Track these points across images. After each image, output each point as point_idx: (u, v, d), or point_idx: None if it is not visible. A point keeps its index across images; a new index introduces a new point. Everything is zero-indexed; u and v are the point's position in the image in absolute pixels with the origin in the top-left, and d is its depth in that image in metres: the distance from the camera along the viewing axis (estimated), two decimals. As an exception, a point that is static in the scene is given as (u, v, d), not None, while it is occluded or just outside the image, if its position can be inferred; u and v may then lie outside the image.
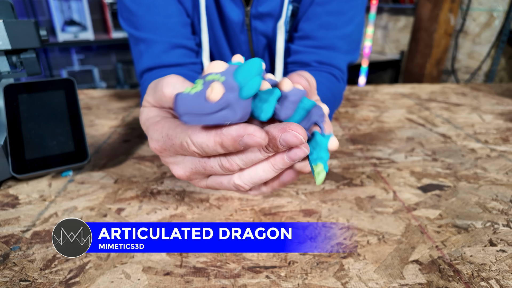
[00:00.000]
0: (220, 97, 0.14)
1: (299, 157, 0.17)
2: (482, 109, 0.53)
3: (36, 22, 0.29)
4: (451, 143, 0.40)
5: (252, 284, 0.20)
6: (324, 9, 0.40)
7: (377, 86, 0.68)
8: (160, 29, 0.39)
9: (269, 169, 0.19)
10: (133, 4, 0.38)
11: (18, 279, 0.20)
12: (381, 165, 0.34)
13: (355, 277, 0.20)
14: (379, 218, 0.26)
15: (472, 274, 0.20)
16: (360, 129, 0.45)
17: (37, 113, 0.29)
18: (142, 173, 0.32)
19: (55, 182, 0.30)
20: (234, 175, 0.20)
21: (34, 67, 0.30)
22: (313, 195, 0.29)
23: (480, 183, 0.31)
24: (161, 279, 0.20)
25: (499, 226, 0.25)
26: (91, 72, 1.97)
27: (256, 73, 0.15)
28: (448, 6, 1.67)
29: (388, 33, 2.10)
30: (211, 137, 0.16)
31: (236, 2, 0.40)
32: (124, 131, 0.43)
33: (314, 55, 0.40)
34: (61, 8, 1.72)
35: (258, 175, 0.19)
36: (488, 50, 1.65)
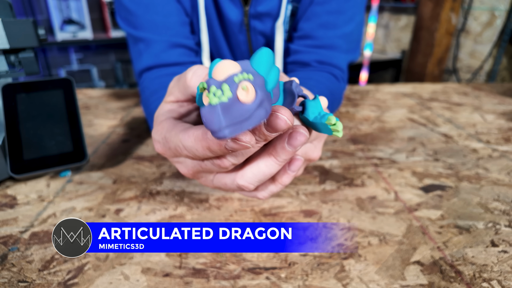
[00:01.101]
0: (255, 96, 0.14)
1: (300, 142, 0.16)
2: (483, 109, 0.53)
3: (34, 21, 0.28)
4: (452, 143, 0.40)
5: (252, 285, 0.19)
6: (324, 9, 0.40)
7: (378, 85, 0.67)
8: (159, 28, 0.39)
9: (272, 163, 0.18)
10: (132, 3, 0.38)
11: (16, 280, 0.19)
12: (382, 165, 0.34)
13: (356, 278, 0.20)
14: (380, 218, 0.25)
15: (473, 275, 0.20)
16: (361, 129, 0.44)
17: (35, 113, 0.29)
18: (141, 173, 0.32)
19: (53, 183, 0.30)
20: (236, 175, 0.19)
21: (32, 66, 0.30)
22: (314, 195, 0.28)
23: (482, 183, 0.31)
24: (160, 280, 0.20)
25: (501, 226, 0.25)
26: (90, 71, 1.97)
27: (273, 62, 0.15)
28: (449, 5, 1.67)
29: (389, 32, 2.10)
30: (199, 143, 0.16)
31: (234, 1, 0.40)
32: (123, 131, 0.43)
33: (314, 55, 0.40)
34: (59, 7, 1.72)
35: (261, 171, 0.18)
36: (489, 49, 1.65)
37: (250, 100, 0.13)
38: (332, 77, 0.39)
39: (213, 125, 0.13)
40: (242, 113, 0.13)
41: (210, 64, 0.15)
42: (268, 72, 0.15)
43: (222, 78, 0.13)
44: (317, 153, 0.22)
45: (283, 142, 0.17)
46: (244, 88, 0.13)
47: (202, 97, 0.14)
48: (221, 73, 0.14)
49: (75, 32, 1.75)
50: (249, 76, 0.14)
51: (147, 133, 0.42)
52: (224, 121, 0.13)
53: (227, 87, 0.13)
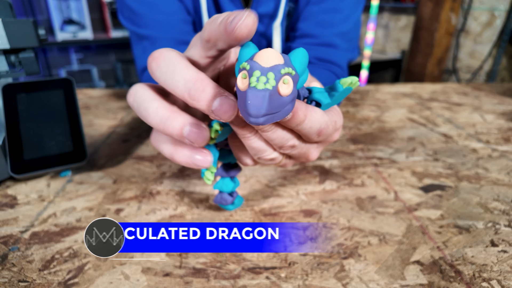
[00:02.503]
0: (291, 92, 0.14)
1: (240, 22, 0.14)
2: (483, 109, 0.53)
3: (34, 21, 0.29)
4: (452, 143, 0.40)
5: (252, 285, 0.19)
6: (320, 8, 0.40)
7: (378, 85, 0.67)
8: (163, 26, 0.39)
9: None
10: (135, 3, 0.38)
11: (16, 280, 0.19)
12: (382, 165, 0.34)
13: (356, 278, 0.20)
14: (380, 218, 0.25)
15: (473, 274, 0.20)
16: (361, 128, 0.44)
17: (36, 113, 0.29)
18: (141, 173, 0.32)
19: (53, 182, 0.30)
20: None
21: (32, 66, 0.30)
22: (314, 195, 0.29)
23: (482, 183, 0.31)
24: (160, 280, 0.20)
25: (501, 226, 0.25)
26: (90, 71, 1.97)
27: (307, 63, 0.15)
28: (449, 5, 1.67)
29: (389, 32, 2.10)
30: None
31: (235, 3, 0.40)
32: (123, 131, 0.43)
33: (314, 52, 0.41)
34: (60, 7, 1.72)
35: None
36: (489, 49, 1.65)
37: (287, 94, 0.13)
38: (332, 75, 0.40)
39: (254, 109, 0.13)
40: (278, 104, 0.13)
41: (243, 46, 0.15)
42: (302, 72, 0.15)
43: (267, 65, 0.13)
44: (316, 154, 0.22)
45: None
46: (286, 82, 0.13)
47: (239, 78, 0.14)
48: (267, 60, 0.13)
49: (75, 32, 1.75)
50: (292, 72, 0.14)
51: (147, 133, 0.42)
52: (265, 109, 0.13)
53: (272, 76, 0.13)
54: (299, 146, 0.20)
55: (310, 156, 0.22)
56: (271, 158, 0.20)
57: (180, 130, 0.16)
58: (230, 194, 0.24)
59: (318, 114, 0.18)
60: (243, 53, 0.15)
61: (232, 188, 0.23)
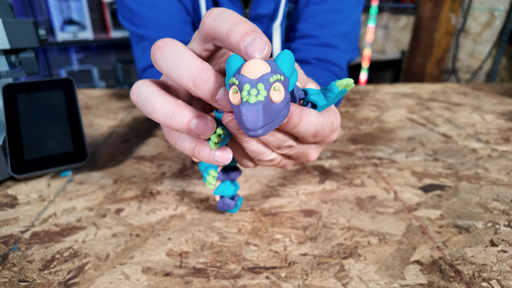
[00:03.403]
0: (284, 97, 0.14)
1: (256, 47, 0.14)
2: (483, 109, 0.53)
3: (35, 21, 0.29)
4: (452, 143, 0.40)
5: (252, 285, 0.19)
6: (320, 8, 0.40)
7: (377, 85, 0.67)
8: (163, 27, 0.39)
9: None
10: (134, 3, 0.38)
11: (17, 280, 0.20)
12: (381, 165, 0.34)
13: (355, 278, 0.20)
14: (380, 218, 0.26)
15: (473, 274, 0.20)
16: (360, 129, 0.44)
17: (36, 113, 0.29)
18: (142, 173, 0.32)
19: (54, 182, 0.30)
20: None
21: (33, 66, 0.30)
22: (314, 195, 0.29)
23: (481, 183, 0.31)
24: (160, 280, 0.20)
25: (500, 226, 0.25)
26: (90, 71, 1.97)
27: (293, 63, 0.15)
28: (449, 5, 1.67)
29: (389, 32, 2.10)
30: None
31: (235, 3, 0.40)
32: (124, 131, 0.43)
33: (313, 52, 0.41)
34: (60, 7, 1.72)
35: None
36: (489, 49, 1.65)
37: (280, 100, 0.14)
38: (332, 75, 0.40)
39: (251, 123, 0.13)
40: (274, 113, 0.14)
41: (228, 59, 0.15)
42: (291, 74, 0.15)
43: (255, 77, 0.13)
44: (315, 154, 0.22)
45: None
46: (277, 89, 0.13)
47: (230, 93, 0.14)
48: (254, 71, 0.13)
49: (75, 33, 1.75)
50: (281, 78, 0.14)
51: (147, 133, 0.42)
52: (261, 121, 0.13)
53: (262, 87, 0.13)
54: (296, 146, 0.20)
55: (310, 157, 0.22)
56: (270, 159, 0.20)
57: (187, 123, 0.16)
58: (231, 198, 0.24)
59: (313, 116, 0.18)
60: (230, 67, 0.15)
61: (234, 192, 0.23)
